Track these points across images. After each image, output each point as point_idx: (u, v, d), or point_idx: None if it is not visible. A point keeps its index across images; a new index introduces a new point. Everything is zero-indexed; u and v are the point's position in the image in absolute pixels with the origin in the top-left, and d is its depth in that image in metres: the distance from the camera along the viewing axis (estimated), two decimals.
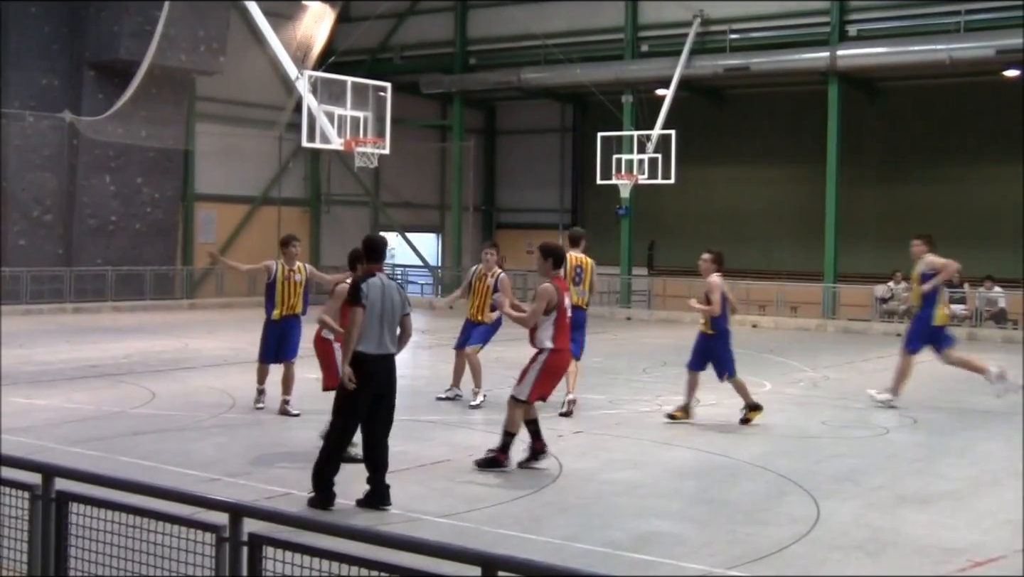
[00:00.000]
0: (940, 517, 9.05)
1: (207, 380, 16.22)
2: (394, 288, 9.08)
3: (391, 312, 8.98)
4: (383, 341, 8.97)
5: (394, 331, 9.05)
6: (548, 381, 10.54)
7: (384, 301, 8.94)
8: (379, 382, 9.00)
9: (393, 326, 9.03)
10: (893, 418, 13.75)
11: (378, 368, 8.97)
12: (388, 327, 8.98)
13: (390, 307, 8.98)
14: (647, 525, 8.64)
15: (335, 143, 20.65)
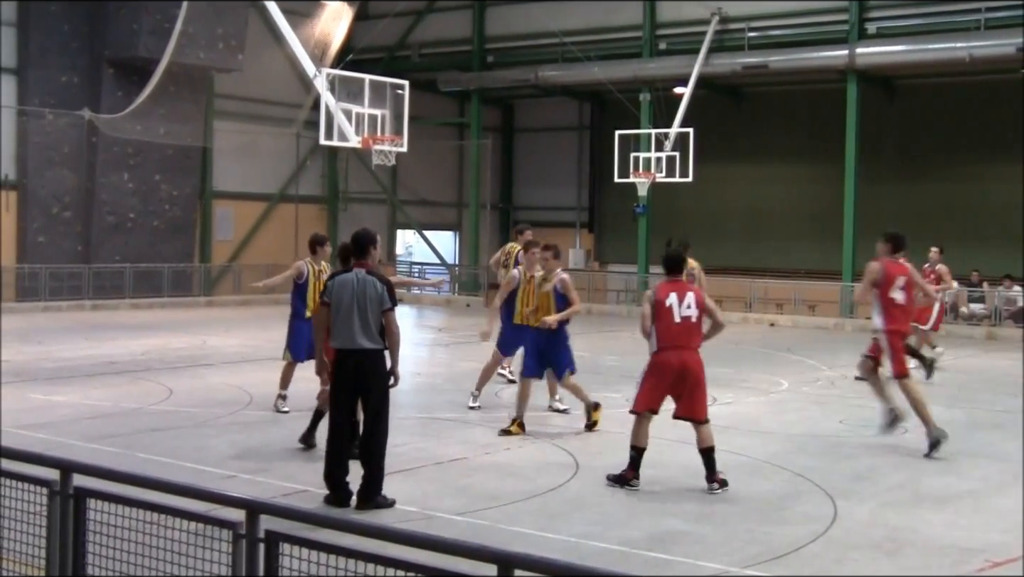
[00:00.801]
0: (958, 517, 9.02)
1: (224, 377, 16.25)
2: (371, 284, 8.91)
3: (363, 308, 8.88)
4: (353, 337, 8.87)
5: (369, 327, 8.88)
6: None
7: (356, 298, 8.87)
8: (349, 377, 8.95)
9: (367, 322, 8.88)
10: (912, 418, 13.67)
11: (347, 363, 8.92)
12: (360, 323, 8.86)
13: (363, 303, 8.87)
14: (664, 524, 8.63)
15: (353, 141, 20.66)
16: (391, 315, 8.99)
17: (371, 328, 8.90)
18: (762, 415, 14.06)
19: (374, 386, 8.97)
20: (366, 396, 8.99)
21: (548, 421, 13.08)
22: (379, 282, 8.97)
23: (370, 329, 8.90)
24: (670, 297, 9.80)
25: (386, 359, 9.06)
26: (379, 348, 8.97)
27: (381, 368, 8.99)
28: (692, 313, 9.80)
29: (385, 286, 8.98)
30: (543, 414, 13.56)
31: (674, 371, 9.79)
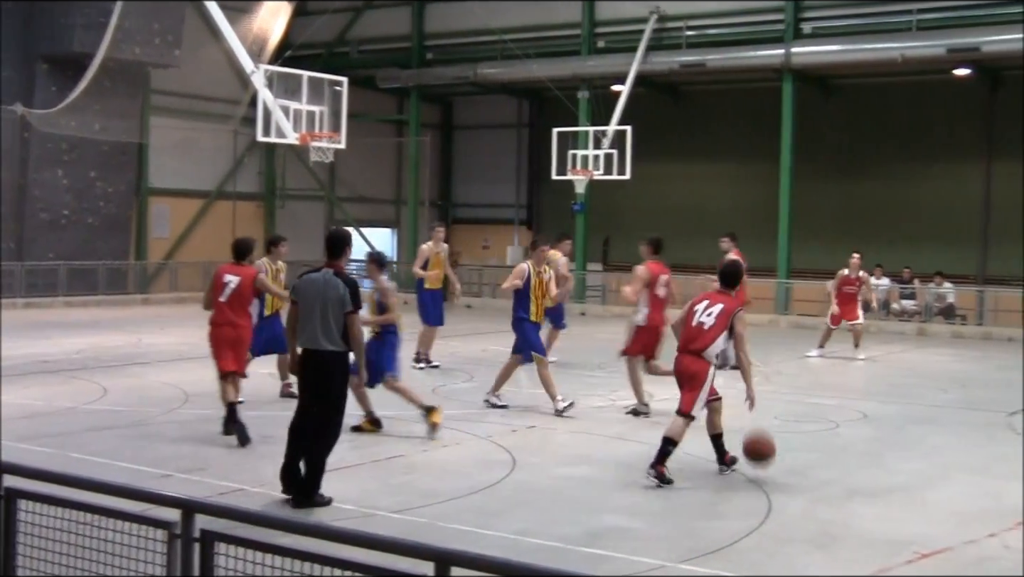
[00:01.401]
0: (889, 510, 9.17)
1: (160, 376, 16.11)
2: (335, 285, 8.89)
3: (325, 310, 8.85)
4: (315, 337, 8.89)
5: (330, 328, 8.87)
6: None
7: (319, 298, 8.87)
8: (310, 377, 8.98)
9: (328, 323, 8.86)
10: (844, 413, 13.89)
11: (308, 364, 8.97)
12: (321, 324, 8.85)
13: (324, 304, 8.85)
14: (601, 520, 8.69)
15: (290, 137, 20.58)
16: (353, 317, 8.95)
17: (332, 329, 8.86)
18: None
19: (331, 388, 8.96)
20: (324, 396, 8.97)
21: (485, 418, 13.11)
22: (343, 284, 8.93)
23: (331, 330, 8.86)
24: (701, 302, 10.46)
25: (347, 361, 9.03)
26: (339, 350, 8.92)
27: (339, 370, 8.97)
28: (708, 321, 10.24)
29: (348, 288, 8.92)
30: (482, 411, 13.60)
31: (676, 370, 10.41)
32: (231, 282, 11.98)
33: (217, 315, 12.01)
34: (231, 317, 11.99)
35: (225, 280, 11.99)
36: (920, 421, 13.71)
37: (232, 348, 11.98)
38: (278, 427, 12.38)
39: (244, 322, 12.09)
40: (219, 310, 11.99)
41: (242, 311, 12.08)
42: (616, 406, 14.17)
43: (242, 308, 12.07)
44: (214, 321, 12.04)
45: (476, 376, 16.85)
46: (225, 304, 11.97)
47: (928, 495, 9.77)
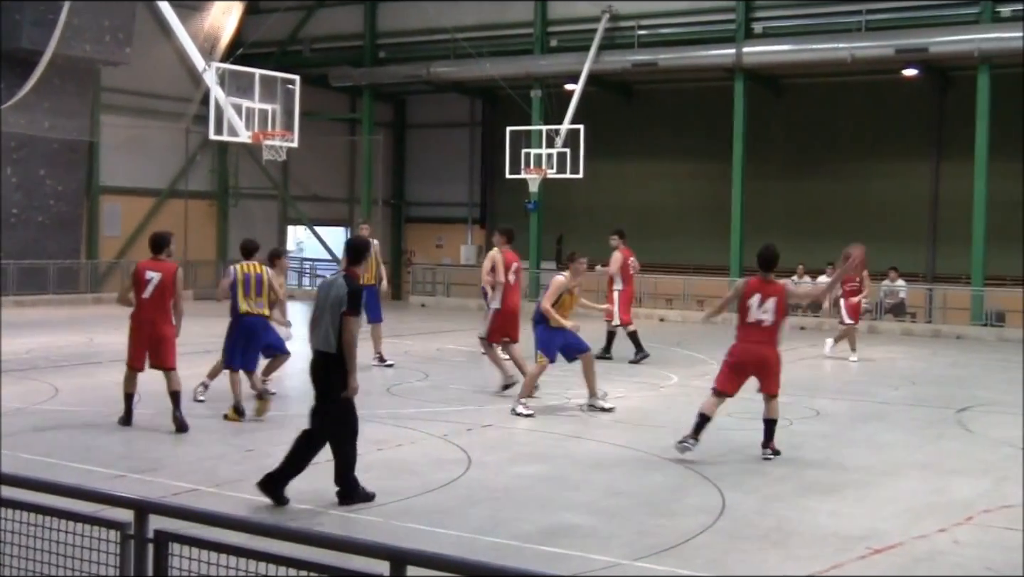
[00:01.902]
0: (841, 506, 9.25)
1: (112, 375, 15.90)
2: (338, 286, 8.98)
3: (325, 311, 8.96)
4: (315, 338, 9.05)
5: (327, 330, 8.94)
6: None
7: (325, 300, 9.00)
8: (312, 378, 9.15)
9: (327, 325, 8.94)
10: (797, 410, 13.99)
11: (314, 364, 9.12)
12: (322, 325, 8.96)
13: (325, 306, 8.97)
14: (556, 518, 8.71)
15: (243, 136, 20.47)
16: (346, 319, 8.89)
17: (329, 331, 8.93)
18: (653, 409, 14.26)
19: (329, 389, 9.04)
20: (329, 396, 9.04)
21: (440, 417, 13.10)
22: (346, 286, 8.95)
23: (327, 332, 8.94)
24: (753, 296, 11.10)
25: (336, 362, 9.00)
26: (328, 351, 8.96)
27: (328, 368, 9.02)
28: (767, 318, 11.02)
29: (349, 289, 8.93)
30: (436, 410, 13.59)
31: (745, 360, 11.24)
32: (153, 279, 11.98)
33: (139, 312, 12.06)
34: (153, 315, 12.04)
35: (147, 277, 12.00)
36: (871, 418, 13.85)
37: (151, 347, 12.07)
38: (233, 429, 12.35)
39: (165, 318, 12.08)
40: (141, 307, 12.04)
41: (163, 309, 12.06)
42: (571, 404, 14.19)
43: (163, 305, 12.05)
44: (136, 317, 12.12)
45: (431, 375, 16.84)
46: (148, 301, 12.00)
47: (879, 491, 9.87)
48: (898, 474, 10.59)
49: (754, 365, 11.09)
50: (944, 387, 17.04)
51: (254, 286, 13.03)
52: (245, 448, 11.10)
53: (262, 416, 12.64)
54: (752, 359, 11.04)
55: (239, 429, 12.27)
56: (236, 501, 8.89)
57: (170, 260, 12.34)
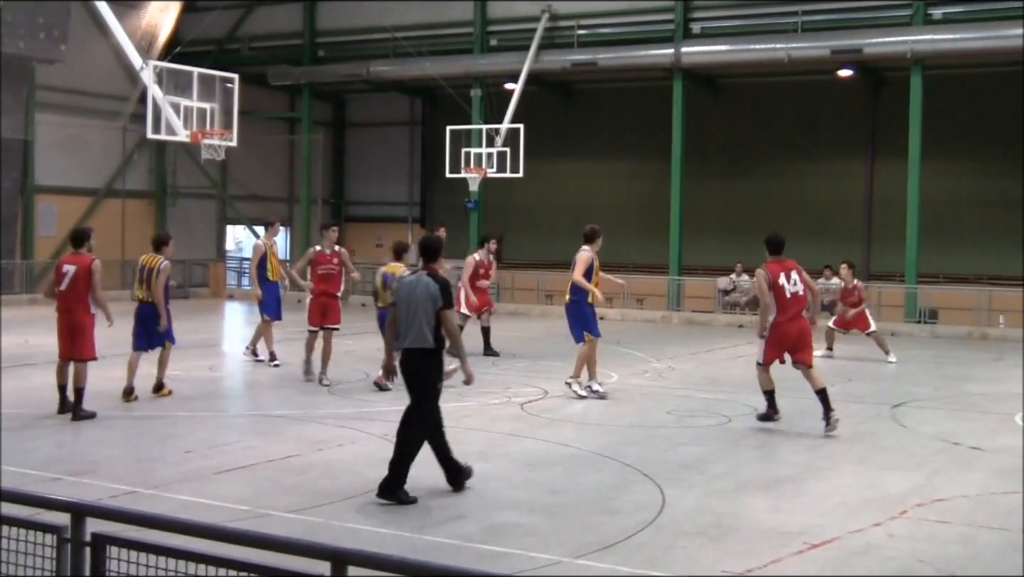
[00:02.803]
0: (779, 502, 9.35)
1: (48, 377, 15.68)
2: (427, 284, 9.22)
3: (417, 309, 9.18)
4: (407, 336, 9.23)
5: (422, 327, 9.17)
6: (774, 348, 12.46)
7: (413, 299, 9.21)
8: (405, 375, 9.35)
9: (420, 323, 9.17)
10: (734, 407, 14.12)
11: (404, 362, 9.34)
12: (415, 323, 9.18)
13: (417, 304, 9.20)
14: (497, 516, 8.73)
15: (181, 135, 20.33)
16: (445, 313, 9.23)
17: (423, 328, 9.17)
18: (592, 407, 14.31)
19: (421, 383, 9.30)
20: (414, 390, 9.32)
21: (381, 417, 13.08)
22: (435, 282, 9.25)
23: (422, 329, 9.18)
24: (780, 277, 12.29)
25: (436, 358, 9.32)
26: (429, 348, 9.21)
27: (428, 367, 9.28)
28: (799, 289, 12.34)
29: (440, 286, 9.24)
30: (377, 410, 13.56)
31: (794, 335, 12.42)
32: (69, 272, 12.55)
33: (58, 304, 12.66)
34: (70, 305, 12.57)
35: (64, 270, 12.61)
36: (808, 414, 13.97)
37: (71, 336, 12.57)
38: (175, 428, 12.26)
39: (81, 309, 12.56)
40: (59, 299, 12.63)
41: (78, 300, 12.55)
42: (512, 403, 14.23)
43: (78, 297, 12.54)
44: (57, 309, 12.71)
45: (371, 375, 16.79)
46: (64, 293, 12.56)
47: (816, 486, 9.99)
48: (834, 470, 10.72)
49: (794, 338, 12.33)
50: (879, 383, 17.27)
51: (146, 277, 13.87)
52: (184, 449, 11.02)
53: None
54: (794, 332, 12.32)
55: (176, 430, 12.18)
56: (175, 503, 8.82)
57: (89, 254, 12.75)
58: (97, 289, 12.59)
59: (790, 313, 12.28)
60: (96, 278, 12.55)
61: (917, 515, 8.94)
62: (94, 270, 12.55)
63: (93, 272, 12.52)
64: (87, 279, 12.48)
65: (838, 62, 29.27)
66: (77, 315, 12.54)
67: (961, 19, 26.81)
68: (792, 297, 12.27)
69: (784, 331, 12.31)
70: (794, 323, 12.30)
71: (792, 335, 12.31)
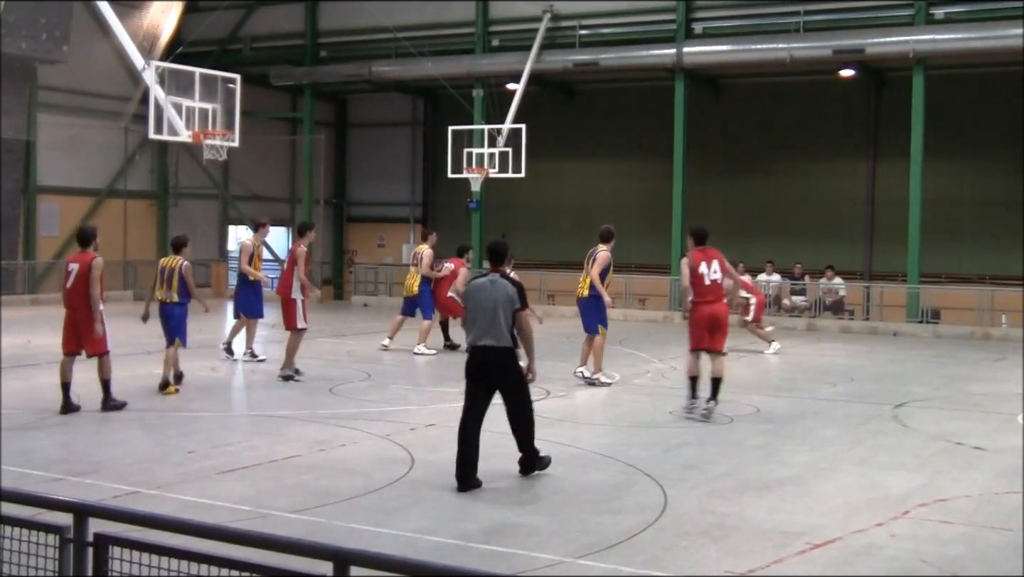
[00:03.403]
0: (781, 502, 9.35)
1: (50, 378, 15.72)
2: (503, 287, 9.82)
3: (495, 310, 9.71)
4: (482, 335, 9.77)
5: (499, 326, 9.71)
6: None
7: (489, 300, 9.75)
8: (477, 371, 9.87)
9: (498, 322, 9.71)
10: (737, 407, 14.12)
11: (476, 358, 9.86)
12: (493, 323, 9.72)
13: (494, 305, 9.73)
14: (499, 516, 8.73)
15: (183, 135, 20.33)
16: (521, 314, 9.83)
17: (501, 327, 9.73)
18: (595, 407, 14.32)
19: (504, 379, 9.87)
20: (501, 389, 9.92)
21: (383, 417, 13.10)
22: (511, 285, 9.86)
23: (500, 328, 9.72)
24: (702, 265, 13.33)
25: (515, 355, 9.84)
26: (507, 346, 9.76)
27: (507, 363, 9.82)
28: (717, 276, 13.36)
29: (516, 289, 9.85)
30: (380, 410, 13.58)
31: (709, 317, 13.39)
32: (73, 269, 12.95)
33: (64, 300, 13.13)
34: (75, 302, 12.95)
35: (69, 268, 13.04)
36: (810, 414, 13.99)
37: (76, 333, 12.98)
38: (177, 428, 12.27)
39: (83, 306, 12.89)
40: (65, 295, 13.09)
41: (80, 296, 12.90)
42: None
43: (80, 294, 12.89)
44: (64, 305, 13.16)
45: (373, 375, 16.81)
46: (69, 290, 12.95)
47: (818, 487, 9.98)
48: (836, 470, 10.72)
49: (708, 319, 13.24)
50: (881, 383, 17.26)
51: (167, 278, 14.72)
52: (186, 449, 11.03)
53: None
54: (708, 314, 13.23)
55: (179, 430, 12.20)
56: (177, 503, 8.83)
57: (93, 252, 13.09)
58: (93, 286, 12.81)
59: (707, 297, 13.27)
60: (94, 275, 12.79)
61: (919, 515, 8.93)
62: (93, 267, 12.82)
63: (92, 268, 12.80)
64: (86, 276, 12.81)
65: (840, 62, 29.26)
66: (82, 311, 12.89)
67: (963, 19, 26.79)
68: (711, 284, 13.30)
69: (700, 312, 13.28)
70: (709, 306, 13.27)
71: (706, 316, 13.24)
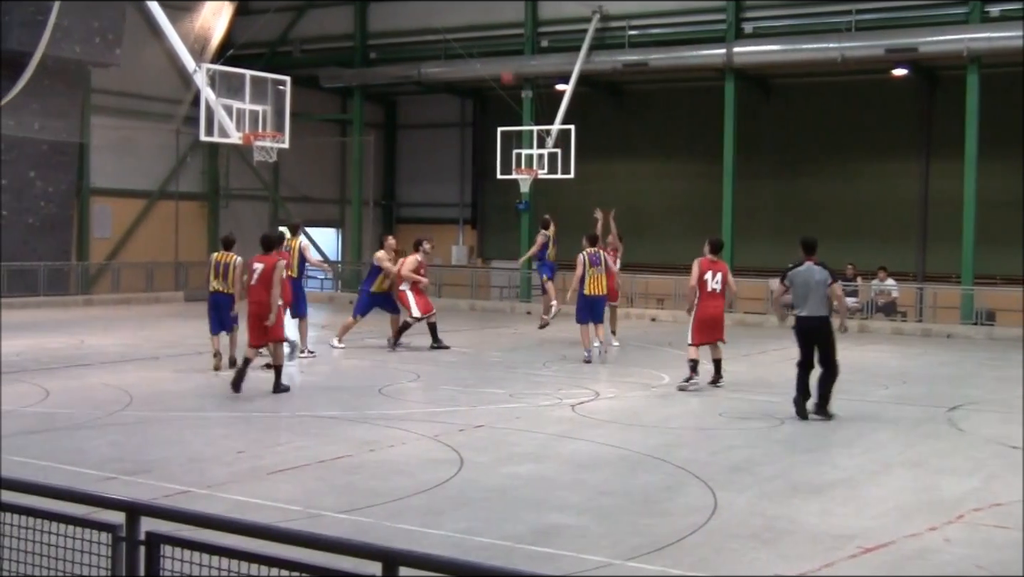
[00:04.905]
0: (832, 505, 9.27)
1: (103, 377, 15.96)
2: (818, 271, 13.27)
3: (814, 289, 13.18)
4: (810, 308, 13.27)
5: (819, 301, 13.22)
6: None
7: (809, 282, 13.22)
8: (806, 335, 13.37)
9: (818, 298, 13.20)
10: (787, 409, 14.01)
11: (804, 326, 13.39)
12: (814, 299, 13.20)
13: (813, 285, 13.20)
14: (548, 518, 8.71)
15: (234, 137, 20.46)
16: (834, 286, 13.44)
17: (820, 302, 13.25)
18: (644, 409, 14.27)
19: (820, 341, 13.29)
20: (819, 347, 13.26)
21: (432, 418, 13.12)
22: (822, 268, 13.37)
23: (819, 302, 13.24)
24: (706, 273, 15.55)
25: (829, 322, 13.35)
26: (824, 315, 13.28)
27: (824, 328, 13.33)
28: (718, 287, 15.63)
29: (827, 270, 13.43)
30: (429, 411, 13.60)
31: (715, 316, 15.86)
32: (257, 269, 14.84)
33: (248, 296, 15.01)
34: (257, 297, 14.76)
35: (253, 267, 14.95)
36: (861, 417, 13.87)
37: (259, 325, 14.67)
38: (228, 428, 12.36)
39: (265, 300, 14.63)
40: (249, 292, 14.98)
41: (264, 291, 14.68)
42: (563, 404, 14.22)
43: (265, 289, 14.68)
44: (248, 301, 15.02)
45: (422, 376, 16.85)
46: (254, 287, 14.84)
47: (870, 490, 9.89)
48: (888, 473, 10.61)
49: (710, 320, 15.61)
50: (934, 386, 17.09)
51: (221, 272, 16.58)
52: (236, 449, 11.10)
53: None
54: (710, 316, 15.60)
55: (229, 431, 12.28)
56: (227, 502, 8.89)
57: (276, 255, 15.17)
58: (276, 284, 14.68)
59: (708, 303, 15.57)
60: (277, 275, 14.72)
61: (974, 520, 8.82)
62: (277, 267, 14.78)
63: (276, 268, 14.74)
64: (271, 275, 14.63)
65: (892, 61, 28.97)
66: (265, 306, 14.60)
67: (1019, 16, 26.40)
68: (711, 292, 15.54)
69: (704, 313, 15.54)
70: (711, 308, 15.60)
71: (709, 317, 15.58)
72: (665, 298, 30.77)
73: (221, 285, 16.63)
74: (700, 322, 15.57)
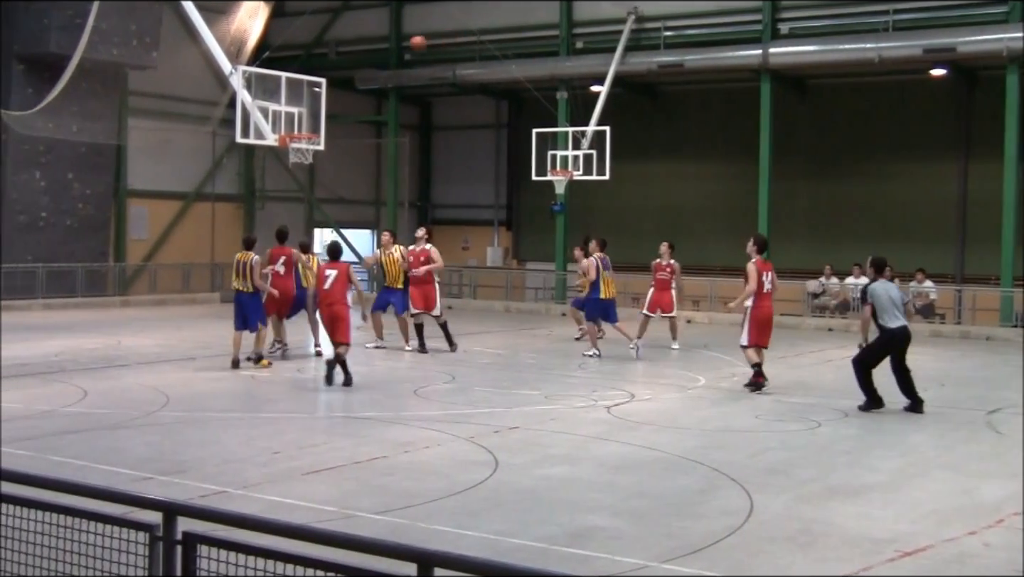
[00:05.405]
0: (870, 508, 9.20)
1: (140, 378, 16.06)
2: (893, 288, 14.24)
3: (896, 302, 14.05)
4: (896, 320, 14.02)
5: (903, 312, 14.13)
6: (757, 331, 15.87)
7: (890, 297, 14.04)
8: (904, 343, 14.17)
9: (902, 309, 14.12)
10: (823, 412, 13.95)
11: (897, 335, 14.07)
12: (900, 311, 14.05)
13: (896, 299, 14.11)
14: (582, 520, 8.69)
15: (269, 139, 20.53)
16: (909, 304, 15.18)
17: (903, 313, 14.16)
18: (679, 411, 14.22)
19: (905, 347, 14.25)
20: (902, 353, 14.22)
21: (467, 419, 13.11)
22: (892, 286, 14.35)
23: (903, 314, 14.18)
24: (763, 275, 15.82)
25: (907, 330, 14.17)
26: (905, 324, 14.15)
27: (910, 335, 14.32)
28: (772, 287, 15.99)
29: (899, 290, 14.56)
30: (463, 413, 13.60)
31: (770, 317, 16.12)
32: (330, 275, 15.83)
33: (321, 299, 15.94)
34: (332, 299, 15.72)
35: (326, 274, 15.92)
36: (899, 419, 13.78)
37: (331, 326, 15.78)
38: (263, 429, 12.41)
39: (342, 303, 15.74)
40: (323, 296, 15.87)
41: (338, 297, 15.73)
42: (598, 406, 14.18)
43: (338, 294, 15.75)
44: (320, 304, 16.01)
45: (457, 377, 16.86)
46: (327, 292, 15.76)
47: (908, 493, 9.81)
48: (926, 476, 10.53)
49: (766, 320, 15.76)
50: (973, 389, 16.95)
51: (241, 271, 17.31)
52: (272, 450, 11.13)
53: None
54: (766, 316, 15.74)
55: (264, 431, 12.32)
56: (263, 503, 8.91)
57: (345, 262, 16.32)
58: (356, 287, 16.27)
59: (764, 302, 15.70)
60: (355, 279, 16.07)
61: (1014, 524, 8.73)
62: (351, 273, 15.99)
63: (351, 274, 15.95)
64: (345, 280, 15.78)
65: (930, 61, 28.74)
66: (337, 308, 15.67)
67: None
68: (767, 292, 15.75)
69: (759, 315, 15.64)
70: (766, 311, 15.73)
71: (766, 317, 15.72)
72: (700, 300, 30.64)
73: (241, 284, 17.30)
74: (757, 322, 15.67)
